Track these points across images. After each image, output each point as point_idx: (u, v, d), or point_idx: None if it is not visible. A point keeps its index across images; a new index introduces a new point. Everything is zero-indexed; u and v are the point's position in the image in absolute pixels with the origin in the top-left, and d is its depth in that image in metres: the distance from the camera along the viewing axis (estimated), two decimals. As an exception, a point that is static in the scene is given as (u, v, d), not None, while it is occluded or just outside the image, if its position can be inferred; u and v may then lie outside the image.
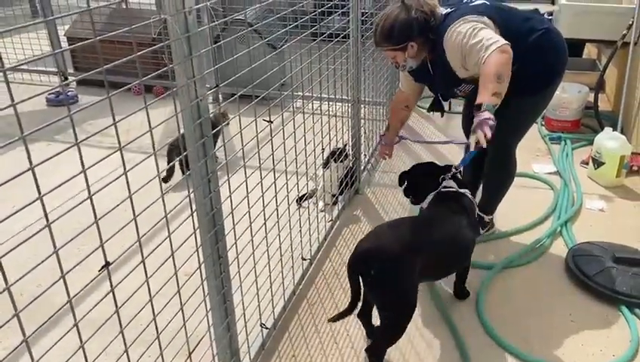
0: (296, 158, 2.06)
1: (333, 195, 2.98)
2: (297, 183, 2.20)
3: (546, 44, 2.27)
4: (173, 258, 1.34)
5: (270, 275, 1.98)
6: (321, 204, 2.98)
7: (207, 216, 1.48)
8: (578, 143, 3.75)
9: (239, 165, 1.69)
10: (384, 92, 3.81)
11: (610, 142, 3.18)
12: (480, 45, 2.02)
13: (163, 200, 1.29)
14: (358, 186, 3.17)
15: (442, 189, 2.15)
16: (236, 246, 1.68)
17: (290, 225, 2.10)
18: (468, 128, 2.65)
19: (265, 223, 1.85)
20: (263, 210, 1.82)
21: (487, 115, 1.92)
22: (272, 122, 1.78)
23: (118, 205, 1.19)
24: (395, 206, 3.07)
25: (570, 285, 2.38)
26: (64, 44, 5.09)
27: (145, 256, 1.23)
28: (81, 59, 5.05)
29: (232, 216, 1.60)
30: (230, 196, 1.58)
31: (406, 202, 3.09)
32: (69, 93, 4.72)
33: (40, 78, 5.11)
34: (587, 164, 3.37)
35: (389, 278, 1.76)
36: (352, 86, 2.94)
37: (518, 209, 2.89)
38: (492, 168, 2.56)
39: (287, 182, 2.03)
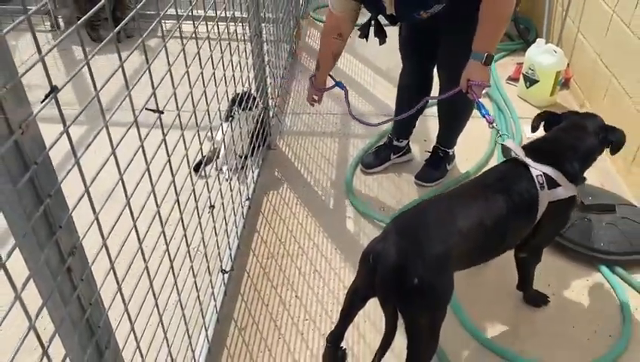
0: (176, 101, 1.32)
1: (241, 156, 2.30)
2: (182, 143, 1.49)
3: None
4: None
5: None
6: (225, 169, 2.30)
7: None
8: (497, 54, 3.37)
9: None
10: (284, 3, 2.95)
11: (544, 57, 2.80)
12: None
13: None
14: (270, 140, 2.51)
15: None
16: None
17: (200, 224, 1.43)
18: (416, 51, 2.13)
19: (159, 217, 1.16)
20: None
21: (487, 78, 1.73)
22: (162, 112, 1.05)
23: None
24: (317, 158, 2.49)
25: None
26: None
27: None
28: None
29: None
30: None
31: (328, 152, 2.52)
32: None
33: None
34: (516, 80, 3.02)
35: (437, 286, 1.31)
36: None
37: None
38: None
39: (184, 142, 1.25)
